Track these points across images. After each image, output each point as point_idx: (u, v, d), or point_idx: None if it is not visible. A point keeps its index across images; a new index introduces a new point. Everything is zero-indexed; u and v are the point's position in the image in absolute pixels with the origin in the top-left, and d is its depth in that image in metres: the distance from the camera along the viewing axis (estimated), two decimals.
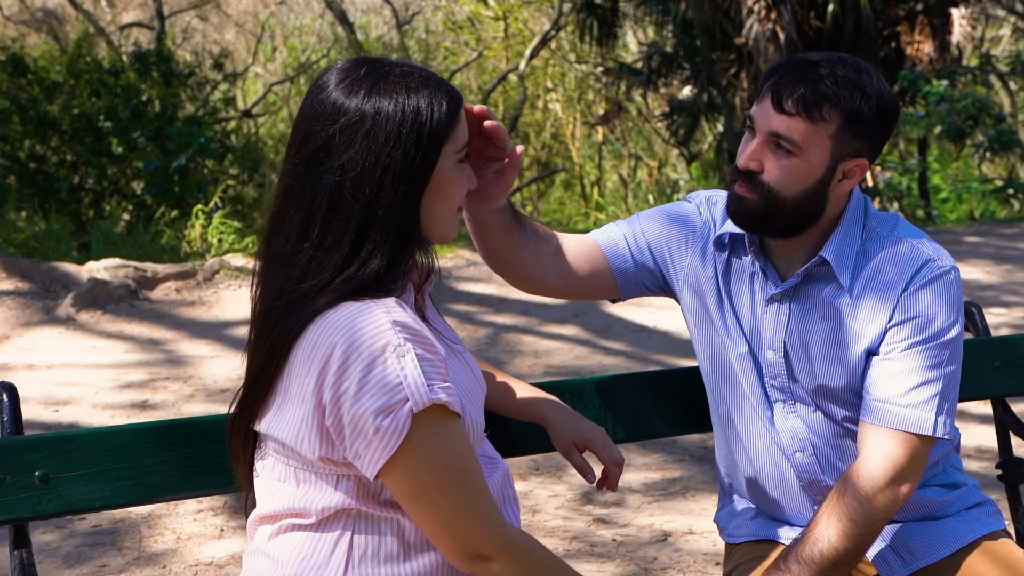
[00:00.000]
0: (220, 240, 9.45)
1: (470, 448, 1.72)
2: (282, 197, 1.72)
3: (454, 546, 1.69)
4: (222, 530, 4.02)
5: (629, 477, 4.54)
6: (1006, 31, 22.26)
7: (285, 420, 1.70)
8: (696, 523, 4.14)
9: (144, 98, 13.28)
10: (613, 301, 2.37)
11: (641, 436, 2.48)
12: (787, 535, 2.25)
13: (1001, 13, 19.37)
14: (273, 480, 1.77)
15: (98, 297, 6.90)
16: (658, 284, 2.30)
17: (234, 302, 7.24)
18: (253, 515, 1.84)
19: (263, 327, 1.72)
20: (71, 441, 2.07)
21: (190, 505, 4.11)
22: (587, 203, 20.85)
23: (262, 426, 1.75)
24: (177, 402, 5.49)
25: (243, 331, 6.52)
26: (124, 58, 15.26)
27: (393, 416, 1.62)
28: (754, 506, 2.33)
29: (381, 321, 1.63)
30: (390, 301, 1.67)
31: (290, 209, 1.70)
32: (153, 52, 14.31)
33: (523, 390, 2.22)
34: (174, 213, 11.17)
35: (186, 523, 4.06)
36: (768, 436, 2.20)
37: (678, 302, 2.32)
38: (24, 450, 2.02)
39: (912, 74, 13.43)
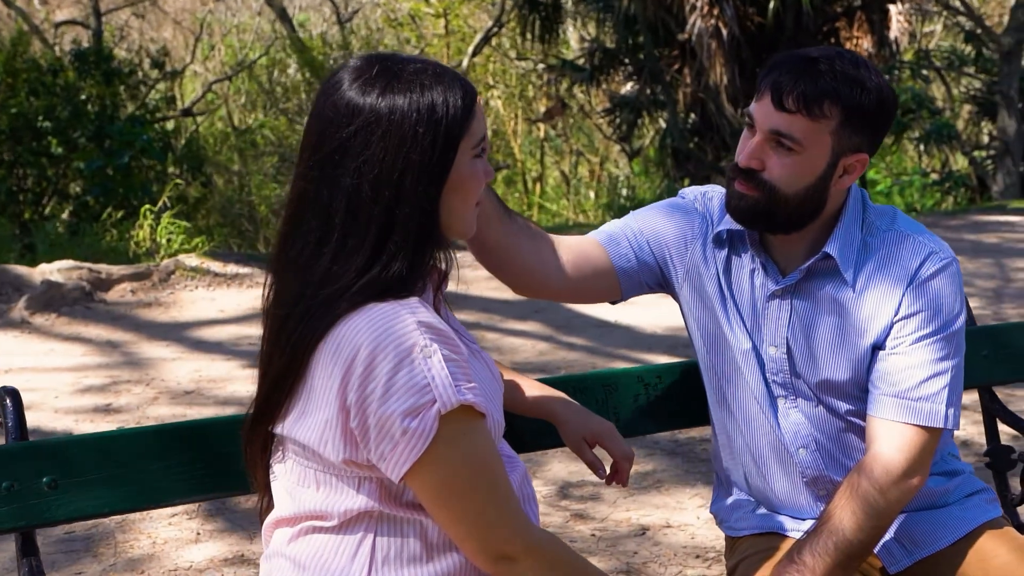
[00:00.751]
0: (169, 240, 9.36)
1: (495, 448, 1.71)
2: (297, 201, 1.69)
3: (480, 548, 1.68)
4: (198, 534, 3.97)
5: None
6: (938, 27, 22.63)
7: (308, 423, 1.68)
8: (672, 516, 4.15)
9: (83, 97, 13.09)
10: (612, 303, 2.34)
11: (644, 431, 2.49)
12: (791, 527, 2.26)
13: (935, 8, 19.68)
14: (292, 483, 1.75)
15: (52, 299, 6.79)
16: (658, 281, 2.28)
17: (191, 303, 7.16)
18: (270, 518, 1.82)
19: (281, 332, 1.69)
20: (78, 446, 2.04)
21: (164, 509, 4.05)
22: (529, 199, 20.90)
23: (283, 429, 1.72)
24: (141, 405, 5.41)
25: (203, 332, 6.47)
26: (61, 56, 15.02)
27: (421, 418, 1.60)
28: (755, 499, 2.34)
29: (407, 322, 1.61)
30: (413, 301, 1.65)
31: (306, 213, 1.67)
32: (92, 50, 14.11)
33: (531, 387, 2.22)
34: (120, 214, 11.03)
35: (161, 528, 4.01)
36: (772, 432, 2.21)
37: (676, 299, 2.31)
38: (31, 456, 1.99)
39: None
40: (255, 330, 6.85)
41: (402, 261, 1.65)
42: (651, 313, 6.75)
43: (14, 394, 2.08)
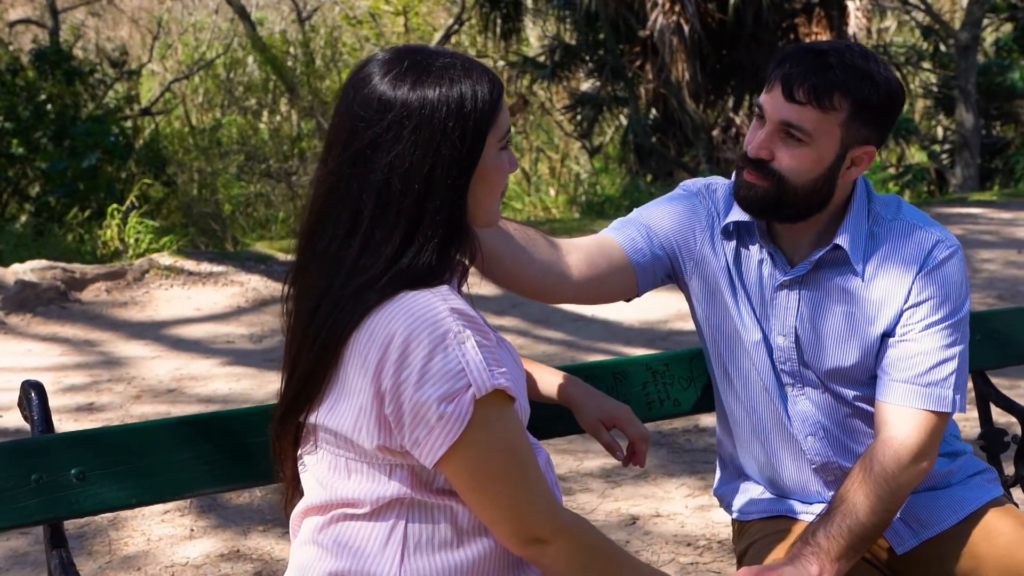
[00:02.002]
0: (137, 240, 9.31)
1: (525, 433, 1.75)
2: (326, 196, 1.70)
3: (513, 530, 1.70)
4: (192, 530, 3.97)
5: (589, 464, 4.60)
6: (892, 23, 22.87)
7: (341, 410, 1.70)
8: (661, 506, 4.20)
9: (43, 97, 12.96)
10: (627, 300, 2.33)
11: (653, 418, 2.53)
12: (801, 510, 2.30)
13: (891, 4, 19.90)
14: (323, 472, 1.76)
15: (27, 300, 6.73)
16: (668, 274, 2.30)
17: (166, 301, 7.13)
18: (298, 507, 1.83)
19: (309, 326, 1.70)
20: (105, 438, 2.05)
21: (156, 507, 4.05)
22: None
23: (315, 418, 1.73)
24: (124, 404, 5.39)
25: (180, 330, 6.41)
26: (18, 56, 14.85)
27: (456, 402, 1.63)
28: (764, 484, 2.38)
29: (440, 309, 1.64)
30: (444, 289, 1.68)
31: (335, 207, 1.69)
32: (52, 50, 13.98)
33: (546, 373, 2.25)
34: (86, 214, 10.95)
35: (154, 525, 4.00)
36: (780, 421, 2.25)
37: (685, 291, 2.33)
38: (59, 448, 2.00)
39: None
40: (233, 328, 6.84)
41: (431, 252, 1.67)
42: (627, 307, 6.79)
43: (38, 387, 2.10)
